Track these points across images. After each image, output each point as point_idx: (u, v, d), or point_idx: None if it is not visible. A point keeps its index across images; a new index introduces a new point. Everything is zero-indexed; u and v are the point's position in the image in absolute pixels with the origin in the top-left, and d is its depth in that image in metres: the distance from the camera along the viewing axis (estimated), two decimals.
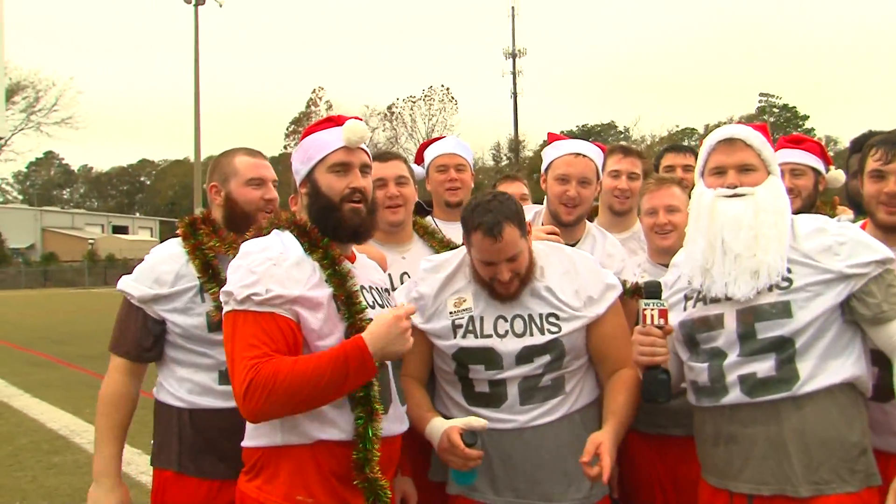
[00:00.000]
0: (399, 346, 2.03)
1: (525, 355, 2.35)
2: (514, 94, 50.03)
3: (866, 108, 77.93)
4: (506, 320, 2.39)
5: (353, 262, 2.28)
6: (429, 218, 3.42)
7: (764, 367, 2.12)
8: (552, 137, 3.24)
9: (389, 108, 49.89)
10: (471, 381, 2.39)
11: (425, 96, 50.19)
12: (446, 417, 2.39)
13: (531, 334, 2.36)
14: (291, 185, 2.51)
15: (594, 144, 3.20)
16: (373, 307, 2.21)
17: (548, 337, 2.34)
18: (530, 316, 2.38)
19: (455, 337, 2.41)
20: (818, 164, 3.44)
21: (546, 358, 2.35)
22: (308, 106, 49.86)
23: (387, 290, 2.43)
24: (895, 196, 2.41)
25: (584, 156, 3.09)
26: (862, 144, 2.81)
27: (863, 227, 2.57)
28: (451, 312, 2.44)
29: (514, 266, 2.36)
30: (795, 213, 2.98)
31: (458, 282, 2.49)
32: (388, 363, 2.17)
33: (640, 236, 3.40)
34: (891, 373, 2.11)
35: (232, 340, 2.02)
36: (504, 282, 2.35)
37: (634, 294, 2.77)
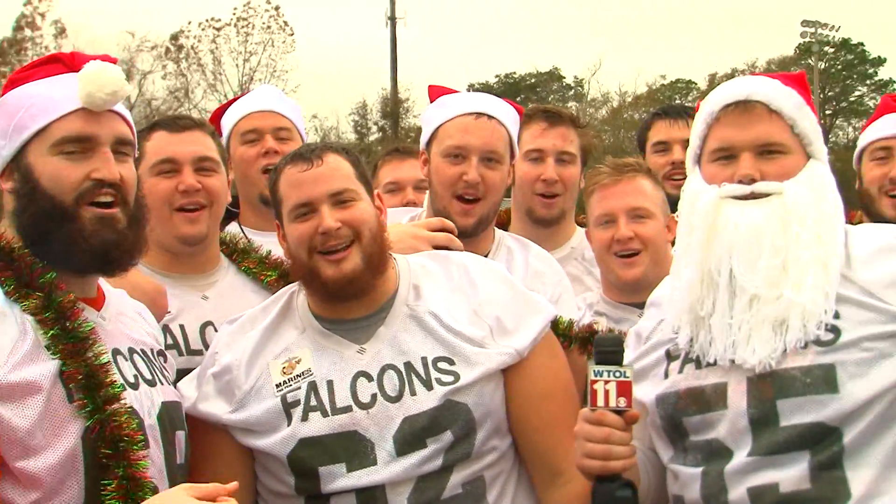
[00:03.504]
0: None
1: (410, 435, 2.32)
2: (392, 20, 44.65)
3: None
4: (370, 378, 2.38)
5: (99, 310, 2.22)
6: (233, 226, 3.34)
7: (791, 475, 2.08)
8: (437, 91, 3.15)
9: (175, 38, 43.23)
10: (327, 501, 2.34)
11: (239, 20, 43.16)
12: None
13: (413, 393, 2.35)
14: None
15: (508, 102, 3.13)
16: (135, 386, 2.15)
17: (440, 393, 2.34)
18: (408, 365, 2.38)
19: (290, 423, 2.36)
20: None
21: (446, 438, 2.34)
22: (18, 29, 43.28)
23: (161, 352, 2.42)
24: None
25: (492, 117, 3.00)
26: None
27: None
28: (277, 385, 2.40)
29: (346, 214, 2.40)
30: None
31: (284, 335, 2.48)
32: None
33: (582, 254, 3.39)
34: None
35: None
36: (331, 231, 2.37)
37: (582, 344, 2.71)
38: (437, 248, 2.74)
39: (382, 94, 44.08)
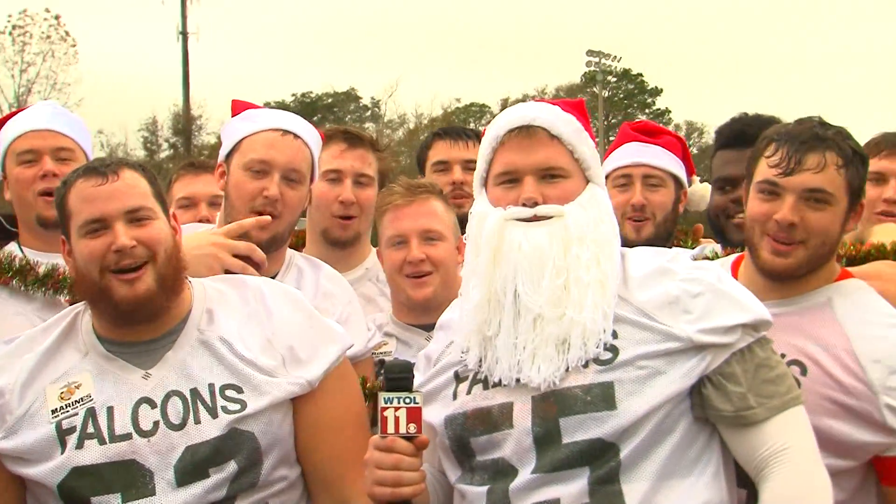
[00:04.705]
0: None
1: (192, 465, 2.28)
2: (184, 35, 42.01)
3: (747, 83, 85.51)
4: (153, 405, 2.33)
5: None
6: (12, 246, 3.18)
7: (571, 490, 2.12)
8: (240, 106, 3.11)
9: None
10: None
11: (14, 28, 40.51)
12: None
13: (197, 421, 2.31)
14: None
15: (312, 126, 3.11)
16: None
17: (225, 421, 2.31)
18: (194, 392, 2.34)
19: (64, 451, 2.29)
20: (680, 172, 3.51)
21: (230, 468, 2.30)
22: None
23: None
24: (787, 229, 2.44)
25: (298, 137, 2.97)
26: (733, 136, 2.79)
27: (735, 265, 2.63)
28: (53, 411, 2.33)
29: (142, 232, 2.34)
30: (641, 244, 2.93)
31: (65, 358, 2.41)
32: None
33: (377, 275, 3.39)
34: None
35: None
36: (125, 249, 2.31)
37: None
38: (237, 256, 2.70)
39: (174, 110, 42.85)
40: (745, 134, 3.06)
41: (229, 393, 2.33)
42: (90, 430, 2.29)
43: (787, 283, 2.48)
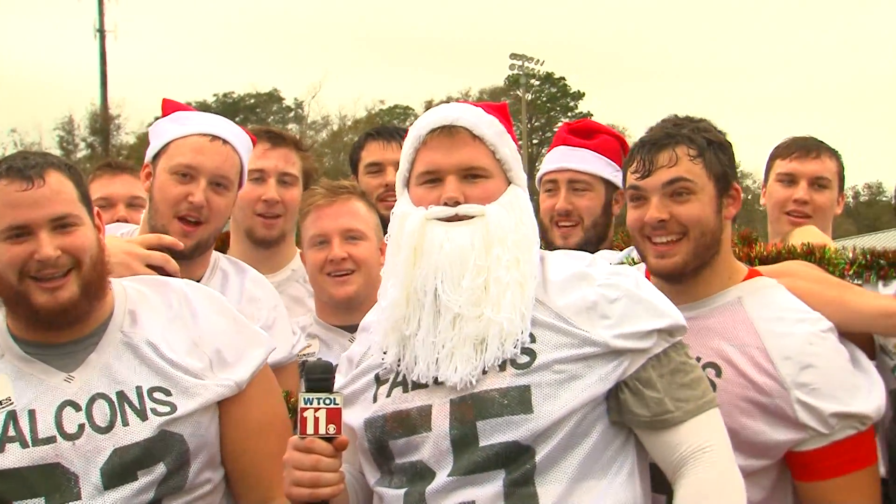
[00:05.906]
0: None
1: (120, 467, 2.25)
2: (101, 33, 41.15)
3: (668, 87, 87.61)
4: (77, 408, 2.28)
5: None
6: None
7: (487, 493, 2.14)
8: (171, 106, 3.05)
9: None
10: None
11: None
12: None
13: (125, 423, 2.28)
14: None
15: (245, 131, 3.09)
16: None
17: (155, 423, 2.29)
18: (120, 394, 2.31)
19: None
20: (614, 175, 3.48)
21: (159, 470, 2.28)
22: None
23: None
24: (659, 227, 2.49)
25: (227, 142, 2.95)
26: None
27: (648, 272, 2.65)
28: None
29: (67, 241, 2.27)
30: (570, 250, 2.93)
31: None
32: None
33: (304, 276, 3.36)
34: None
35: None
36: (49, 260, 2.23)
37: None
38: (151, 267, 2.64)
39: (91, 109, 42.06)
40: None
41: (158, 395, 2.30)
42: (11, 433, 2.24)
43: (689, 285, 2.52)
